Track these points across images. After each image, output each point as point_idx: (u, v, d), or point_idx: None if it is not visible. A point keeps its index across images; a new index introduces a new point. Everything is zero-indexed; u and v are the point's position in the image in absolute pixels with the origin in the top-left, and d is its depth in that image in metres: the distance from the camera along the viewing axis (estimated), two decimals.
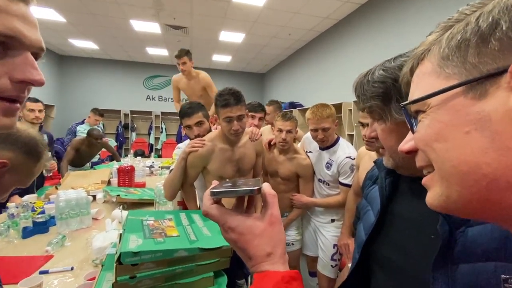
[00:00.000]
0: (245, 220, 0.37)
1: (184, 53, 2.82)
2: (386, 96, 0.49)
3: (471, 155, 0.24)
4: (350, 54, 4.04)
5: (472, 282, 0.35)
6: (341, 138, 1.64)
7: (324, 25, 4.48)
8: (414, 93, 0.31)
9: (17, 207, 1.50)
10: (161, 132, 7.32)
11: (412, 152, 0.32)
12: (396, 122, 0.48)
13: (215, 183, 0.41)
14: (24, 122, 2.26)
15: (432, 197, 0.29)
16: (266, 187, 0.39)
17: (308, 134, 1.71)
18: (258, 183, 0.39)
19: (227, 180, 0.45)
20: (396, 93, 0.47)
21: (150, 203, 1.90)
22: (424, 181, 0.30)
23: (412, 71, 0.32)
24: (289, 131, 1.59)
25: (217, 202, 0.38)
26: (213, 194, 0.37)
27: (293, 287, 0.33)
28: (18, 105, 0.35)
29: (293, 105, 5.30)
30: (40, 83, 0.35)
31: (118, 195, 1.84)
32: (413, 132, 0.31)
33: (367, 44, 3.64)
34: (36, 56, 0.36)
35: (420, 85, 0.30)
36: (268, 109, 2.46)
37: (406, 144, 0.33)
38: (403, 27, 3.03)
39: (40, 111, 2.41)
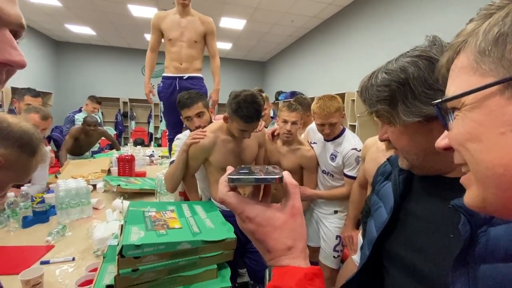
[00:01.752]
0: (264, 210, 0.34)
1: None
2: (392, 99, 0.47)
3: (506, 157, 0.23)
4: (354, 43, 3.94)
5: (494, 283, 0.34)
6: (346, 129, 1.61)
7: (328, 11, 4.34)
8: (450, 89, 0.29)
9: (16, 197, 1.47)
10: (161, 121, 7.26)
11: (449, 149, 0.30)
12: (405, 125, 0.47)
13: (230, 169, 0.38)
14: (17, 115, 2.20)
15: (470, 197, 0.28)
16: (288, 176, 0.36)
17: (313, 125, 1.67)
18: (278, 171, 0.36)
19: (242, 166, 0.42)
20: (402, 95, 0.46)
21: (151, 193, 1.89)
22: (462, 180, 0.29)
23: (448, 64, 0.30)
24: (294, 123, 1.55)
25: (233, 189, 0.36)
26: (231, 180, 0.34)
27: (316, 284, 0.31)
28: None
29: (294, 94, 5.23)
30: (20, 65, 0.30)
31: (119, 185, 1.82)
32: (447, 130, 0.30)
33: (373, 32, 3.54)
34: (16, 34, 0.31)
35: (456, 81, 0.28)
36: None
37: (442, 141, 0.31)
38: (411, 15, 2.93)
39: None
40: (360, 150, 1.50)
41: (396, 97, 0.47)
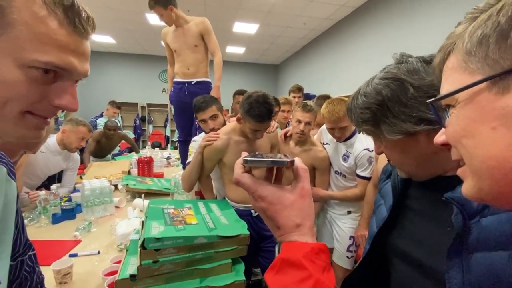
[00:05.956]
0: (276, 190, 0.37)
1: (154, 2, 2.13)
2: (374, 120, 0.51)
3: (498, 150, 0.24)
4: (367, 44, 3.91)
5: (487, 271, 0.36)
6: None
7: (341, 13, 4.33)
8: (443, 88, 0.31)
9: (46, 196, 1.59)
10: None
11: (447, 145, 0.32)
12: (391, 141, 0.50)
13: (244, 153, 0.41)
14: None
15: (467, 188, 0.29)
16: (298, 161, 0.39)
17: (325, 126, 1.68)
18: (289, 156, 0.40)
19: (256, 152, 0.45)
20: (382, 116, 0.49)
21: (166, 194, 1.96)
22: (458, 172, 0.31)
23: (441, 65, 0.33)
24: (308, 123, 1.56)
25: (248, 171, 0.39)
26: (246, 162, 0.37)
27: (322, 259, 0.34)
28: (48, 120, 0.38)
29: (307, 96, 5.19)
30: (72, 110, 0.38)
31: (127, 185, 1.91)
32: (443, 127, 0.32)
33: (386, 33, 3.49)
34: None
35: (448, 80, 0.30)
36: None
37: (440, 137, 0.33)
38: (423, 15, 2.88)
39: None
40: (372, 150, 1.49)
41: (378, 117, 0.50)
